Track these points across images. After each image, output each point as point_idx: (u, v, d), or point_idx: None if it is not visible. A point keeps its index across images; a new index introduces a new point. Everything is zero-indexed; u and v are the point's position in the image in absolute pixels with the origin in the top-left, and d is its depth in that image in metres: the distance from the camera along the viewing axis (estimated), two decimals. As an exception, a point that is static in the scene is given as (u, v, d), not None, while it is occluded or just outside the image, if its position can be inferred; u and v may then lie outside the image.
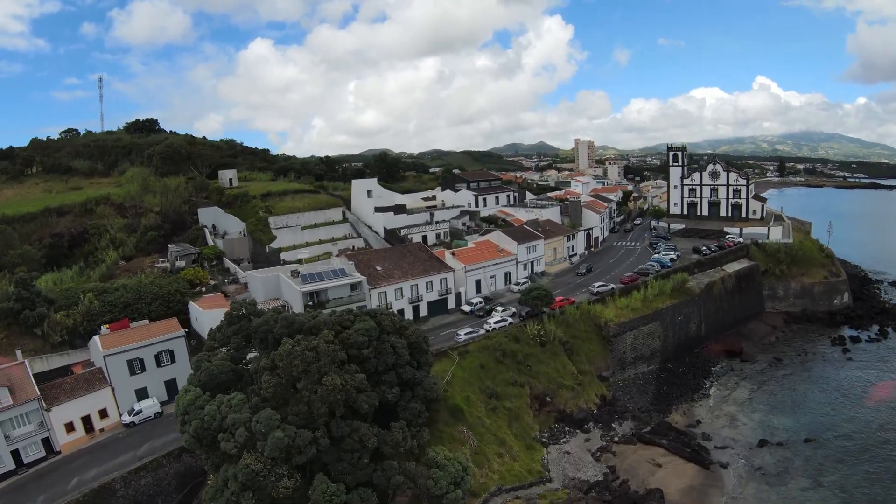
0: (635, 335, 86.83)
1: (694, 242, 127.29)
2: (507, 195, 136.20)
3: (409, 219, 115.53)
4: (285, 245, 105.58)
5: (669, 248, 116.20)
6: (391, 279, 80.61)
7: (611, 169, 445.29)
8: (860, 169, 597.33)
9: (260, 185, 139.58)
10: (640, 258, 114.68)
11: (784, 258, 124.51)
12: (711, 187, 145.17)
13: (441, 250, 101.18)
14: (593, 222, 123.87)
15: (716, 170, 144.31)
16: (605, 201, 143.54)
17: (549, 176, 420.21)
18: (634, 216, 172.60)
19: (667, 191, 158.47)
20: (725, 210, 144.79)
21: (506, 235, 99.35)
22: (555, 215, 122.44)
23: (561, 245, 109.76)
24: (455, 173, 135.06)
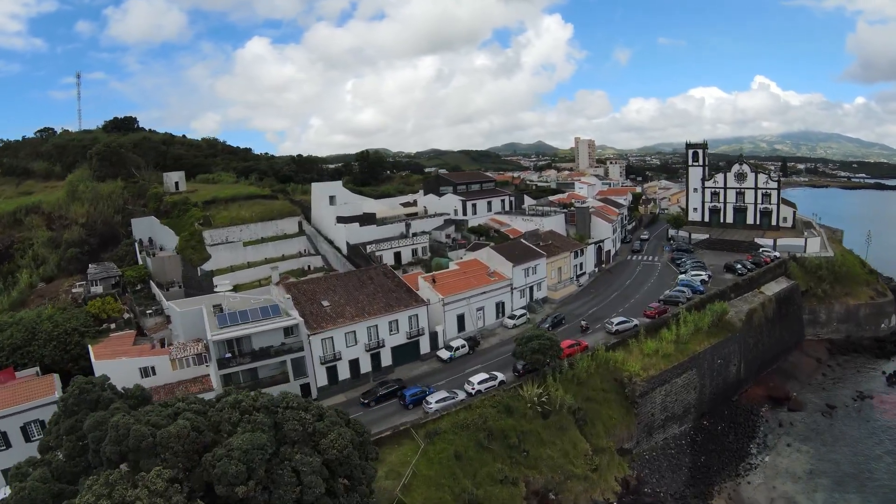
0: (666, 391, 66.67)
1: (722, 257, 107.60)
2: (501, 200, 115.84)
3: (378, 231, 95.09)
4: (221, 266, 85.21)
5: (697, 266, 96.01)
6: (341, 319, 60.16)
7: (612, 169, 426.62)
8: (861, 169, 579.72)
9: (212, 188, 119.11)
10: (662, 279, 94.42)
11: (826, 276, 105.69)
12: (737, 191, 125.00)
13: (417, 272, 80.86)
14: (604, 233, 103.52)
15: (742, 171, 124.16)
16: (616, 206, 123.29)
17: (549, 176, 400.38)
18: (646, 222, 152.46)
19: (685, 194, 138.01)
20: (753, 217, 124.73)
21: (498, 253, 78.96)
22: (558, 224, 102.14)
23: (567, 263, 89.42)
24: (440, 175, 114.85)
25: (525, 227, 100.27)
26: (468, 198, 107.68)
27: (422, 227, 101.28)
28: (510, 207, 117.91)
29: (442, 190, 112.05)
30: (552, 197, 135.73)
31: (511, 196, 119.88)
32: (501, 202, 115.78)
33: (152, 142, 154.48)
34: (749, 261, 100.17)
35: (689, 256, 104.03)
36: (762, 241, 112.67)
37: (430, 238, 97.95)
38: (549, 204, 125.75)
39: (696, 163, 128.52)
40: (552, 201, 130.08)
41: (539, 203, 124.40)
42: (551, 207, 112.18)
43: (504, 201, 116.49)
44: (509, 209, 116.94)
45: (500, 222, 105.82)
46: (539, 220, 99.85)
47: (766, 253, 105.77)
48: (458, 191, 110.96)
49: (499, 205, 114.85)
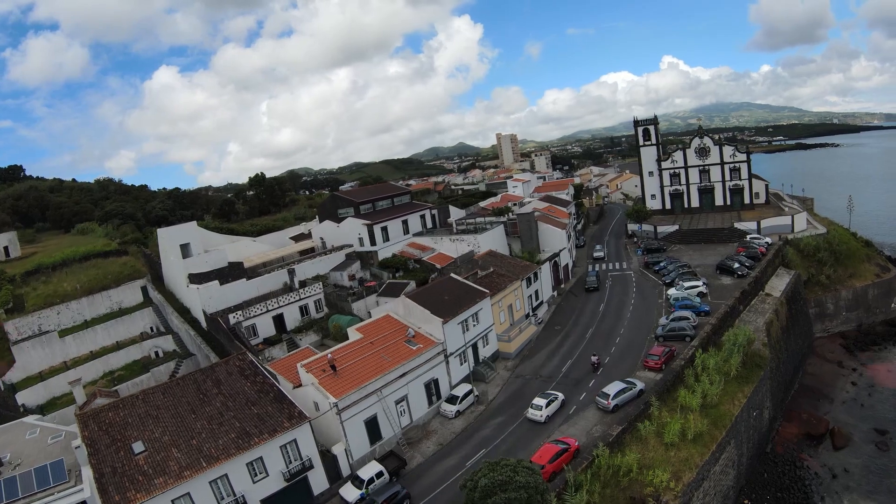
0: (705, 490, 42.02)
1: (703, 252, 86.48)
2: (420, 216, 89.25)
3: (250, 288, 66.37)
4: (31, 372, 55.11)
5: (685, 274, 73.17)
6: (161, 478, 31.63)
7: (538, 161, 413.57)
8: (777, 132, 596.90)
9: (53, 248, 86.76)
10: (644, 296, 70.61)
11: (827, 258, 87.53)
12: (701, 169, 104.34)
13: (305, 350, 53.19)
14: (557, 243, 79.10)
15: (704, 145, 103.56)
16: (562, 205, 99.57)
17: (474, 176, 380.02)
18: (595, 217, 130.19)
19: (632, 178, 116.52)
20: (723, 197, 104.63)
21: (419, 305, 52.14)
22: (497, 241, 76.82)
23: (519, 296, 63.80)
24: (335, 194, 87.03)
25: (455, 251, 74.34)
26: (376, 219, 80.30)
27: (313, 269, 73.26)
28: (434, 224, 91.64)
29: (341, 213, 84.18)
30: (484, 203, 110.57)
31: (433, 209, 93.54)
32: (421, 219, 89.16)
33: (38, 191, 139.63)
34: (743, 254, 78.60)
35: (668, 259, 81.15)
36: (744, 226, 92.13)
37: (325, 285, 70.05)
38: (482, 212, 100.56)
39: (647, 142, 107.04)
40: (485, 208, 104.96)
41: (470, 214, 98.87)
42: (485, 218, 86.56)
43: (425, 217, 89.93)
44: (433, 226, 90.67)
45: (421, 247, 79.25)
46: (472, 239, 73.99)
47: (757, 241, 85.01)
48: (363, 212, 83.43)
49: (418, 223, 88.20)
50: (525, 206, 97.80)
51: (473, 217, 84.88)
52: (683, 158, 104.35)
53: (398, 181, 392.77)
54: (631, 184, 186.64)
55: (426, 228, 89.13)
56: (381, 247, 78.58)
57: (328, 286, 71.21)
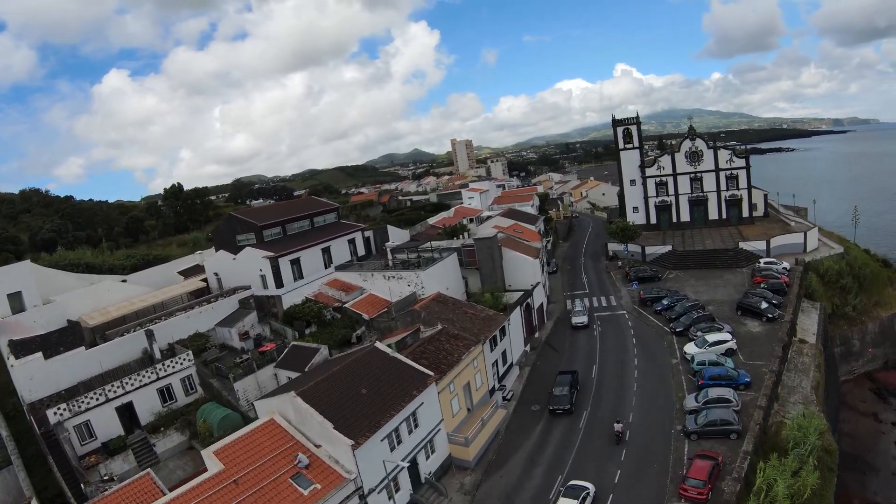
0: None
1: (709, 281, 69.35)
2: (349, 241, 68.44)
3: (90, 361, 44.00)
4: None
5: (696, 316, 54.92)
6: None
7: (494, 167, 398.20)
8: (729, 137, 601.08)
9: None
10: (649, 353, 51.68)
11: (851, 285, 71.03)
12: (692, 176, 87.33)
13: (144, 478, 31.83)
14: (528, 275, 59.70)
15: (696, 148, 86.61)
16: (529, 220, 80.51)
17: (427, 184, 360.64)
18: (563, 233, 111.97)
19: (619, 187, 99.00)
20: (718, 209, 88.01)
21: (317, 414, 31.21)
22: (448, 276, 56.84)
23: (479, 366, 43.69)
24: (233, 215, 65.09)
25: (391, 293, 54.00)
26: (283, 249, 58.94)
27: (189, 326, 51.50)
28: (369, 250, 71.03)
29: (240, 240, 62.38)
30: (434, 219, 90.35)
31: (367, 230, 72.87)
32: (350, 245, 68.33)
33: None
34: (764, 287, 61.44)
35: (671, 295, 62.85)
36: (752, 246, 75.36)
37: (205, 349, 48.56)
38: (430, 232, 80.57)
39: (629, 144, 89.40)
40: (434, 226, 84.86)
41: (415, 237, 78.46)
42: (432, 244, 66.10)
43: (355, 243, 69.14)
44: (367, 254, 69.99)
45: (345, 286, 58.40)
46: (414, 277, 53.62)
47: (773, 266, 68.28)
48: (268, 238, 61.88)
49: (345, 251, 67.31)
50: (485, 225, 78.37)
51: (416, 245, 64.20)
52: (671, 164, 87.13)
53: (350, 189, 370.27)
54: (598, 192, 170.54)
55: (357, 258, 68.33)
56: (290, 288, 57.26)
57: (210, 350, 49.63)
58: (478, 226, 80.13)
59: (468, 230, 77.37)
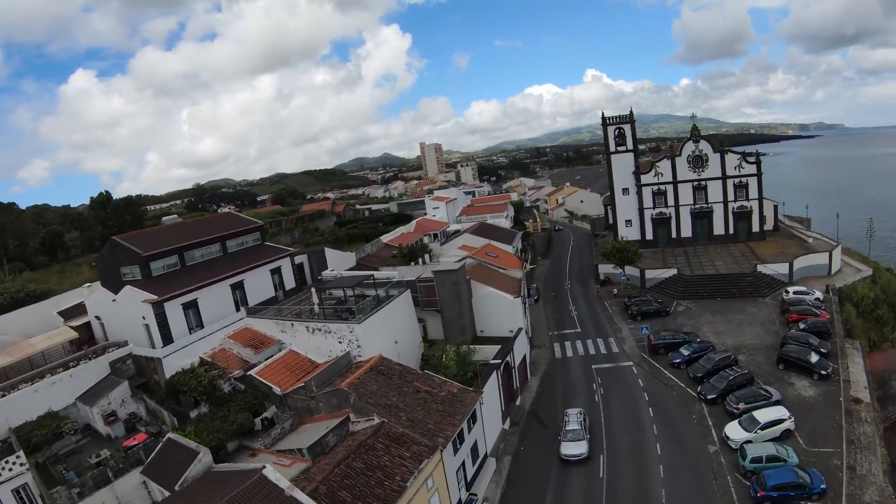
0: None
1: (728, 315, 55.74)
2: (270, 272, 52.46)
3: None
4: None
5: (732, 377, 40.68)
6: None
7: (464, 172, 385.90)
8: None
9: None
10: (678, 441, 37.02)
11: (887, 316, 58.97)
12: (695, 185, 74.02)
13: None
14: (507, 318, 44.76)
15: (700, 151, 73.40)
16: (504, 238, 65.91)
17: (395, 188, 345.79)
18: (542, 248, 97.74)
19: (610, 197, 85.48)
20: (724, 224, 74.85)
21: None
22: (397, 323, 41.57)
23: (436, 485, 28.35)
24: (116, 240, 48.97)
25: (318, 350, 38.47)
26: (178, 287, 42.80)
27: (40, 403, 35.06)
28: (299, 281, 55.27)
29: (125, 274, 45.82)
30: (389, 236, 74.60)
31: (299, 254, 57.04)
32: (274, 277, 52.38)
33: None
34: (802, 326, 48.24)
35: (690, 340, 48.58)
36: (772, 270, 62.32)
37: (60, 435, 32.33)
38: (384, 253, 65.18)
39: (621, 147, 75.66)
40: (389, 245, 69.34)
41: (363, 260, 62.66)
42: (383, 273, 50.68)
43: (281, 274, 53.24)
44: (296, 286, 54.15)
45: (257, 339, 42.51)
46: (347, 333, 38.00)
47: (807, 297, 55.37)
48: (158, 271, 45.51)
49: (266, 284, 51.38)
50: (451, 244, 63.43)
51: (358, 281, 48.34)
52: (671, 170, 73.66)
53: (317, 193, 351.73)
54: (575, 199, 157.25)
55: (284, 292, 52.54)
56: (183, 343, 41.09)
57: (65, 439, 33.51)
58: (442, 244, 65.07)
59: (430, 251, 62.41)
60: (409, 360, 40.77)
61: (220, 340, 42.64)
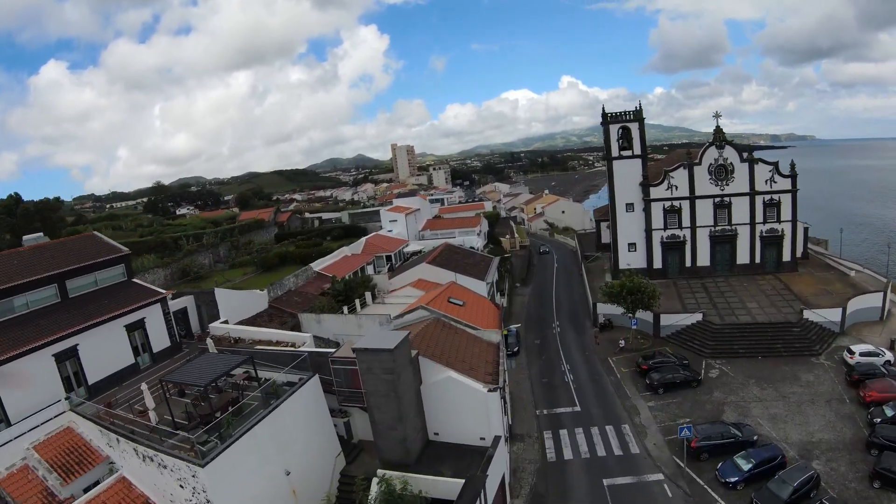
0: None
1: (775, 383, 39.92)
2: (125, 330, 34.79)
3: None
4: None
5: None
6: None
7: (436, 175, 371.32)
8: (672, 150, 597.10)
9: None
10: None
11: None
12: (717, 201, 58.78)
13: None
14: (476, 419, 27.70)
15: (724, 160, 58.10)
16: (476, 269, 49.44)
17: (364, 191, 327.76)
18: (520, 271, 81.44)
19: (609, 213, 69.89)
20: (749, 250, 59.85)
21: None
22: (295, 437, 24.47)
23: None
24: None
25: (157, 488, 21.19)
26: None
27: None
28: (185, 333, 37.88)
29: None
30: (323, 262, 56.74)
31: (180, 296, 39.48)
32: (133, 337, 34.86)
33: None
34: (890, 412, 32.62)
35: (756, 452, 32.31)
36: (821, 315, 47.19)
37: None
38: (310, 289, 47.80)
39: (626, 151, 59.84)
40: (323, 274, 51.90)
41: (278, 301, 45.14)
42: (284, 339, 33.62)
43: (145, 329, 35.70)
44: (172, 345, 36.69)
45: (77, 455, 24.98)
46: (189, 476, 20.77)
47: (877, 360, 40.31)
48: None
49: (117, 348, 33.89)
50: (403, 276, 46.71)
51: (222, 371, 30.56)
52: (688, 182, 58.17)
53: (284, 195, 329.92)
54: (556, 209, 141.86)
55: (152, 356, 35.16)
56: None
57: None
58: (392, 277, 48.23)
59: (374, 288, 45.72)
60: (315, 495, 23.99)
61: (24, 451, 25.14)
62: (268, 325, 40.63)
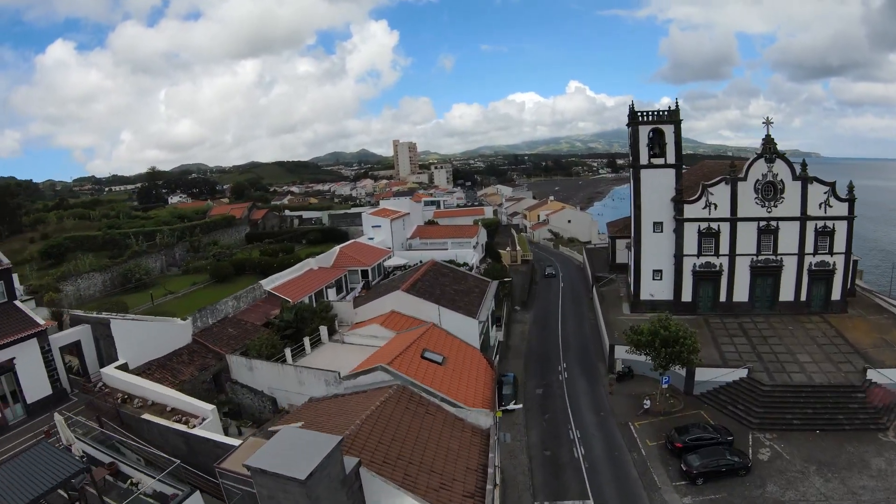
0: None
1: (839, 470, 29.06)
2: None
3: None
4: None
5: None
6: None
7: (437, 174, 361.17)
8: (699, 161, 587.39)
9: None
10: None
11: None
12: (762, 225, 48.71)
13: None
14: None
15: (773, 175, 47.98)
16: (469, 304, 39.45)
17: (363, 187, 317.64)
18: (522, 292, 70.99)
19: (628, 229, 59.75)
20: (795, 286, 49.82)
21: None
22: None
23: None
24: None
25: None
26: None
27: None
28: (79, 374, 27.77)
29: None
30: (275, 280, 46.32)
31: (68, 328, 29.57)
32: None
33: None
34: None
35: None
36: (887, 378, 36.95)
37: None
38: (243, 322, 37.74)
39: (657, 158, 49.61)
40: (272, 295, 41.73)
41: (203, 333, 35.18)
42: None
43: (15, 375, 25.67)
44: (57, 392, 26.72)
45: None
46: None
47: None
48: None
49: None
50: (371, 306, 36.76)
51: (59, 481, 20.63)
52: (730, 200, 48.12)
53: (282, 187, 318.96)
54: (562, 218, 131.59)
55: (26, 409, 25.11)
56: None
57: None
58: (358, 306, 38.12)
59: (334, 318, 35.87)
60: None
61: None
62: (185, 368, 30.61)
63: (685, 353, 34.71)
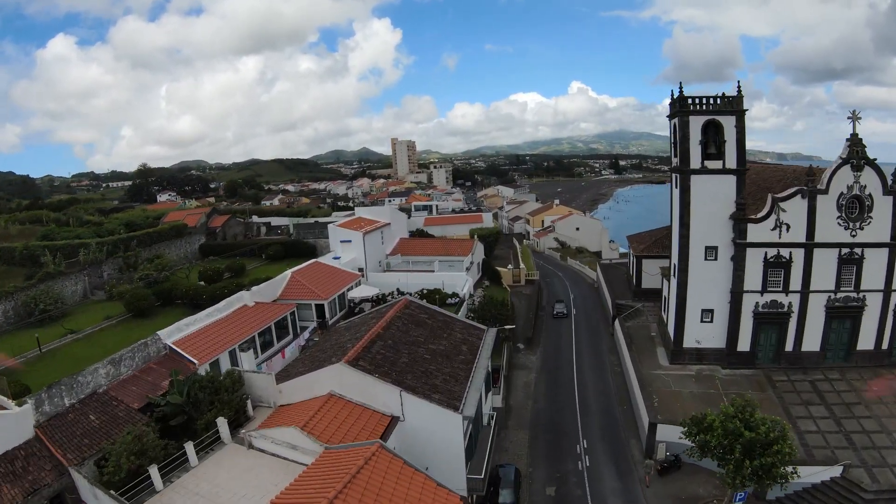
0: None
1: None
2: None
3: None
4: None
5: None
6: None
7: (437, 174, 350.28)
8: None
9: None
10: None
11: None
12: (843, 253, 36.55)
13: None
14: None
15: (860, 188, 35.73)
16: (450, 392, 27.76)
17: (360, 186, 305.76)
18: (527, 327, 58.63)
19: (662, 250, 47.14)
20: (877, 330, 37.57)
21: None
22: None
23: None
24: None
25: None
26: None
27: None
28: None
29: None
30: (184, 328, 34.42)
31: None
32: None
33: None
34: None
35: None
36: None
37: None
38: (111, 400, 25.86)
39: (715, 160, 37.26)
40: (173, 351, 29.83)
41: (43, 427, 23.47)
42: None
43: None
44: None
45: None
46: None
47: None
48: None
49: None
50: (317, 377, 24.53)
51: None
52: (807, 220, 36.04)
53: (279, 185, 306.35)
54: (569, 225, 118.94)
55: None
56: None
57: None
58: (283, 381, 26.25)
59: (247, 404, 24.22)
60: None
61: None
62: (8, 488, 18.69)
63: (780, 466, 22.57)
